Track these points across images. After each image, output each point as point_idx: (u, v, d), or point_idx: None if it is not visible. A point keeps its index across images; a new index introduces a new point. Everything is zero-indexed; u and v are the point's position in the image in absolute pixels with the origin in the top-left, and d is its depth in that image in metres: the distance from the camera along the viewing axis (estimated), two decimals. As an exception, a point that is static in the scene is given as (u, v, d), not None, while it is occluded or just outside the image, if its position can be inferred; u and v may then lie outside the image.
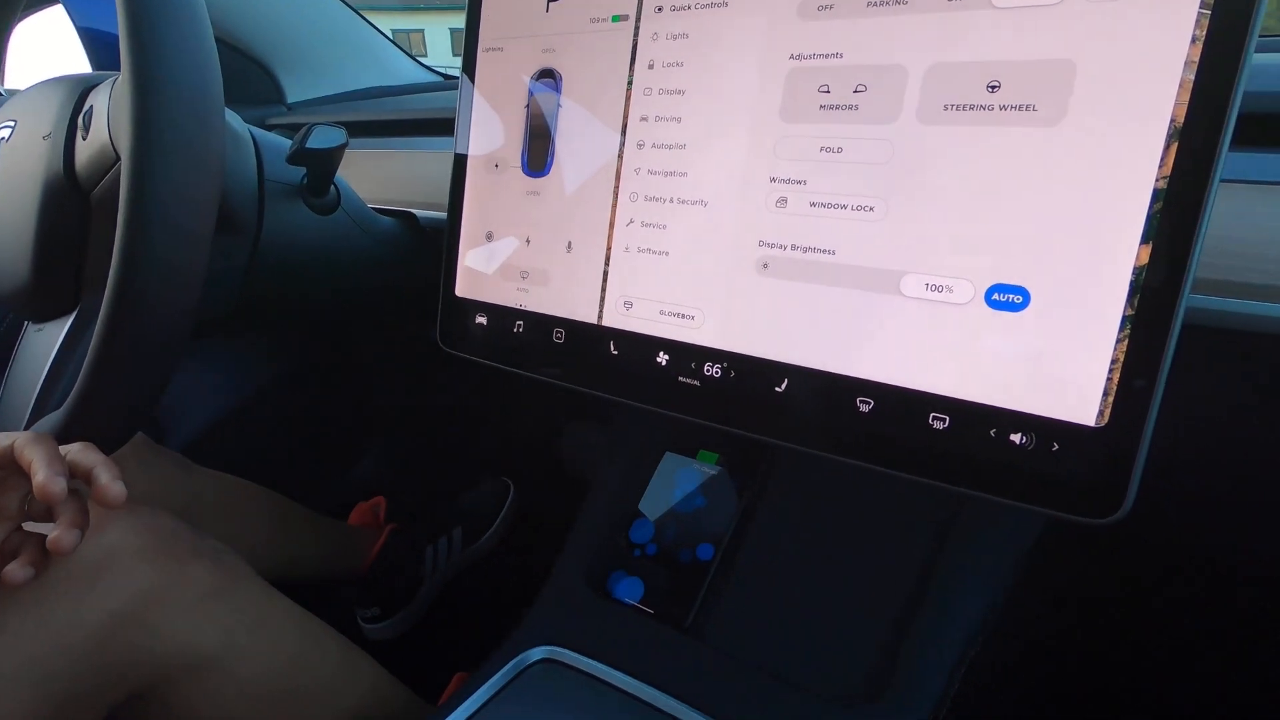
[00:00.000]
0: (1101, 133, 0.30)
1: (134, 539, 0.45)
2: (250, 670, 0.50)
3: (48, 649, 0.41)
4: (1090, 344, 0.30)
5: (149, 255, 0.38)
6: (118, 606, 0.44)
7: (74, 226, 0.47)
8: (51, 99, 0.47)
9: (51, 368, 0.48)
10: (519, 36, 0.46)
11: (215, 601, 0.48)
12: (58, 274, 0.48)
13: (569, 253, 0.45)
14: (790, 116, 0.37)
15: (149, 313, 0.39)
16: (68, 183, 0.46)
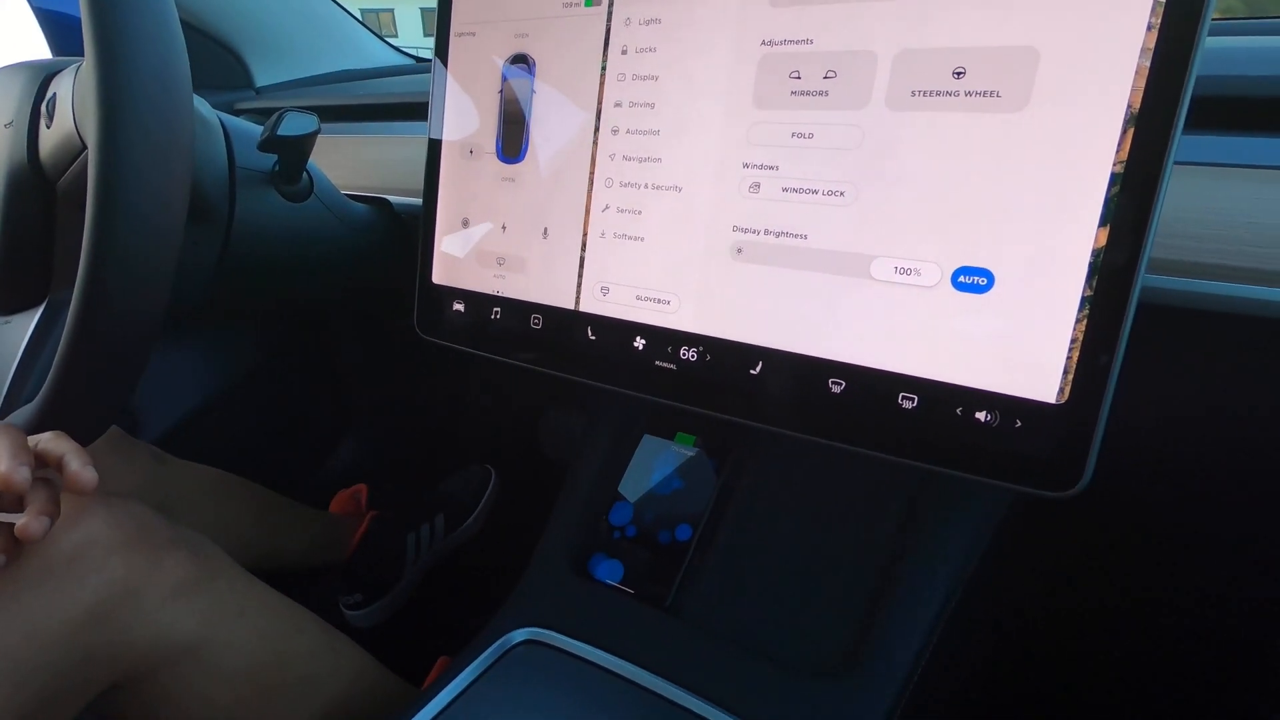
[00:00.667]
0: (1062, 119, 0.30)
1: (109, 531, 0.45)
2: (232, 660, 0.50)
3: (24, 642, 0.41)
4: (1051, 324, 0.31)
5: (119, 248, 0.38)
6: (94, 599, 0.43)
7: (40, 217, 0.46)
8: (11, 86, 0.46)
9: (22, 360, 0.47)
10: (492, 21, 0.46)
11: (193, 592, 0.48)
12: (24, 266, 0.47)
13: (545, 239, 0.46)
14: (762, 102, 0.37)
15: (120, 306, 0.39)
16: (32, 172, 0.45)
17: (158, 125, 0.38)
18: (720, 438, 0.56)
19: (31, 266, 0.47)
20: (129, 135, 0.37)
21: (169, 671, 0.47)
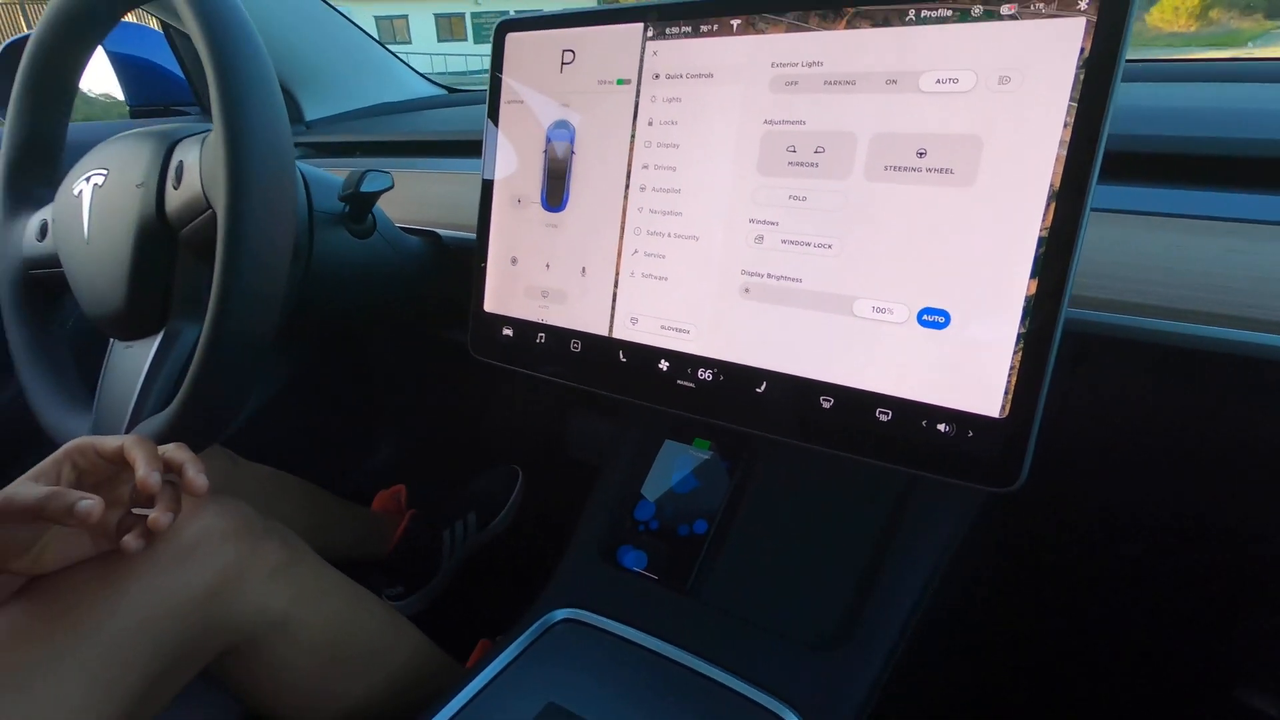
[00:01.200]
0: (1001, 193, 0.38)
1: (221, 524, 0.54)
2: (313, 633, 0.59)
3: (161, 614, 0.49)
4: (994, 354, 0.39)
5: (242, 289, 0.47)
6: (211, 580, 0.52)
7: (162, 260, 0.55)
8: (141, 151, 0.55)
9: (144, 380, 0.56)
10: (537, 92, 0.55)
11: (284, 575, 0.57)
12: (146, 301, 0.56)
13: (583, 276, 0.54)
14: (764, 170, 0.45)
15: (240, 336, 0.48)
16: (159, 224, 0.54)
17: (273, 189, 0.47)
18: (732, 444, 0.64)
19: (152, 302, 0.56)
20: (251, 202, 0.46)
21: (264, 641, 0.56)
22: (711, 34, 0.47)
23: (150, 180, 0.54)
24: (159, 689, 0.50)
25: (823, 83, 0.43)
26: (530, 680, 0.56)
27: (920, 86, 0.40)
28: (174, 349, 0.57)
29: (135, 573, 0.49)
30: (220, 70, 0.46)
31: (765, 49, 0.45)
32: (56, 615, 0.46)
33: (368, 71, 1.19)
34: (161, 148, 0.54)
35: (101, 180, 0.57)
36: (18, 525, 0.45)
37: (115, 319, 0.58)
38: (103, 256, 0.56)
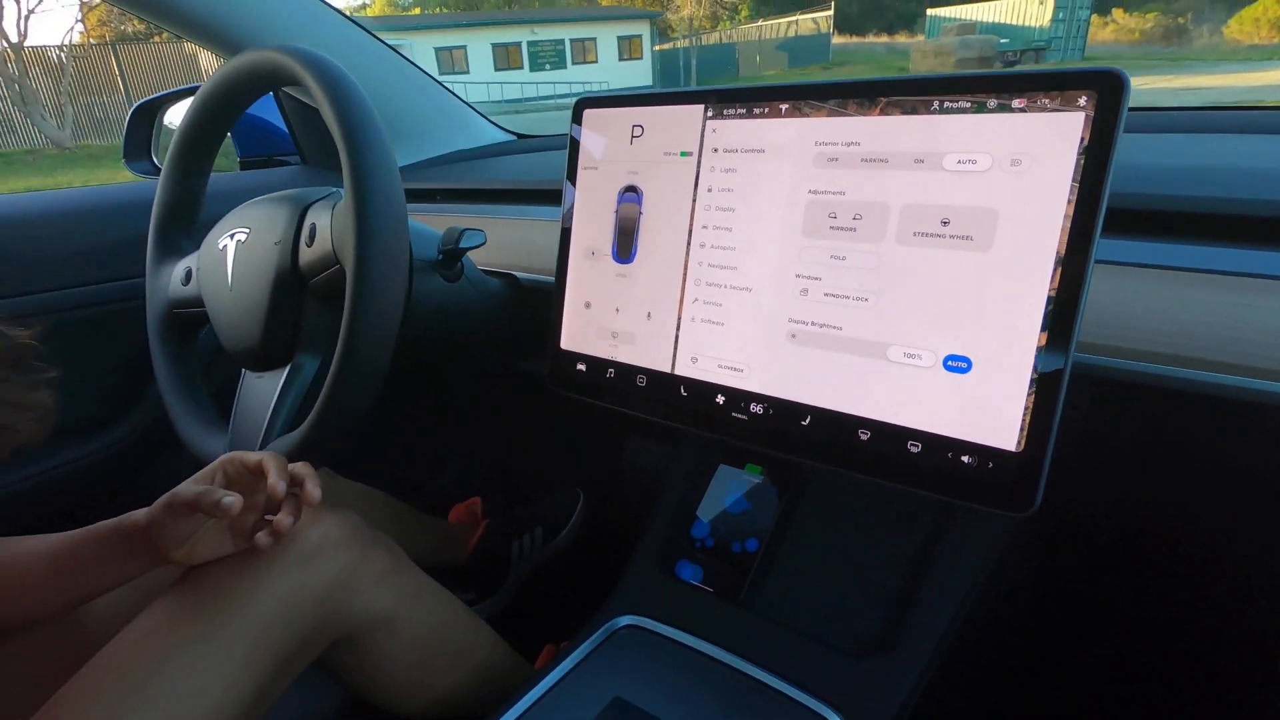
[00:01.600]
0: (1015, 258, 0.45)
1: (337, 532, 0.63)
2: (412, 630, 0.67)
3: (289, 605, 0.58)
4: (1011, 396, 0.45)
5: (366, 332, 0.56)
6: (330, 579, 0.61)
7: (292, 305, 0.65)
8: (279, 213, 0.65)
9: (274, 406, 0.66)
10: (610, 161, 0.63)
11: (389, 579, 0.66)
12: (277, 339, 0.66)
13: (649, 320, 0.62)
14: (809, 233, 0.53)
15: (362, 370, 0.57)
16: (292, 276, 0.64)
17: (393, 249, 0.56)
18: (782, 469, 0.71)
19: (282, 339, 0.66)
20: (375, 261, 0.55)
21: (370, 636, 0.65)
22: (763, 116, 0.54)
23: (286, 239, 0.64)
24: (285, 671, 0.59)
25: (860, 160, 0.50)
26: (597, 678, 0.63)
27: (944, 166, 0.47)
28: (298, 379, 0.67)
29: (272, 570, 0.58)
30: (351, 152, 0.55)
31: (810, 130, 0.52)
32: (210, 600, 0.56)
33: (446, 120, 1.30)
34: (296, 211, 0.64)
35: (244, 237, 0.67)
36: (180, 520, 0.55)
37: (250, 353, 0.68)
38: (243, 301, 0.67)
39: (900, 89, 0.48)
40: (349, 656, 0.65)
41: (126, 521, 0.59)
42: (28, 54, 12.17)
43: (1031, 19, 21.30)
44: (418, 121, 1.23)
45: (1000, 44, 20.45)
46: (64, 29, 11.11)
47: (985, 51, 19.86)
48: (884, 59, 26.98)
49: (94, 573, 0.59)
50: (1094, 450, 0.54)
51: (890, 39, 33.63)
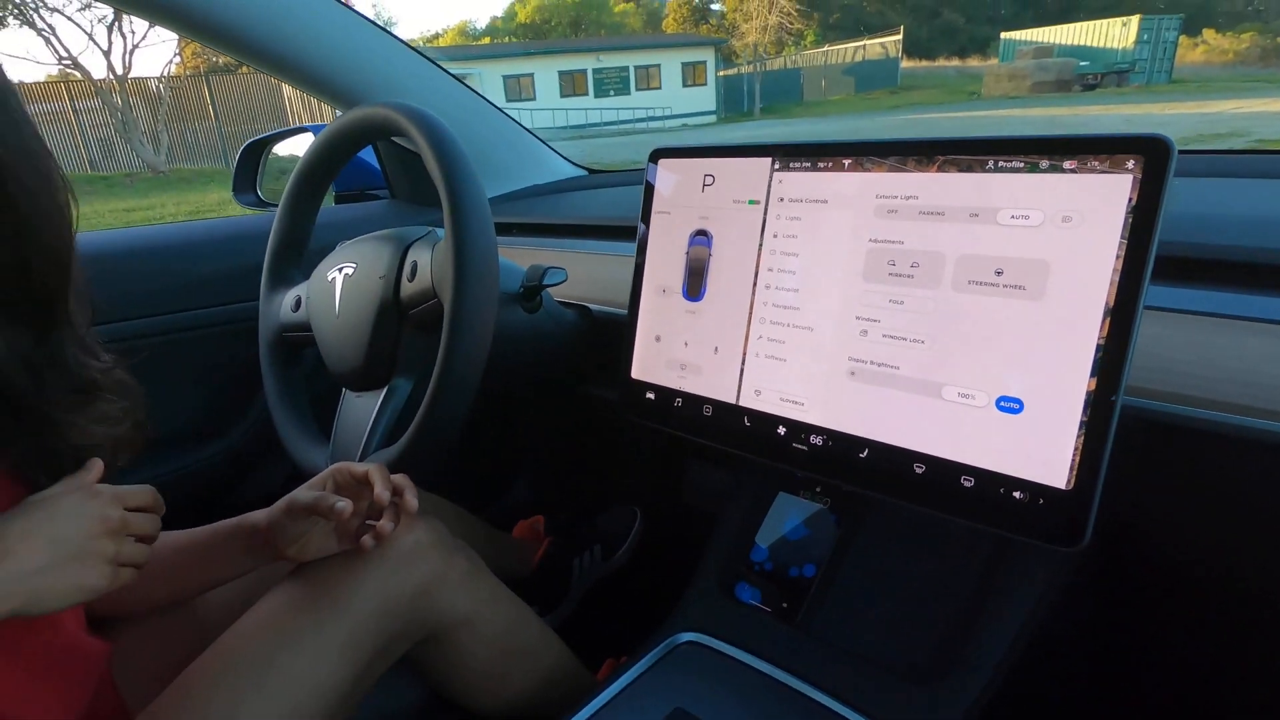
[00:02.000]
0: (1066, 307, 0.48)
1: (426, 537, 0.69)
2: (489, 631, 0.73)
3: (385, 601, 0.65)
4: (1061, 437, 0.48)
5: (460, 359, 0.62)
6: (420, 581, 0.67)
7: (392, 333, 0.72)
8: (384, 250, 0.73)
9: (373, 423, 0.73)
10: (682, 206, 0.68)
11: (470, 582, 0.72)
12: (377, 363, 0.73)
13: (716, 354, 0.66)
14: (869, 278, 0.56)
15: (456, 393, 0.63)
16: (393, 307, 0.71)
17: (485, 286, 0.62)
18: (840, 498, 0.74)
19: (381, 363, 0.74)
20: (470, 297, 0.61)
21: (452, 635, 0.71)
22: (827, 169, 0.59)
23: (390, 274, 0.71)
24: (377, 664, 0.65)
25: (918, 212, 0.54)
26: (658, 690, 0.67)
27: (998, 220, 0.50)
28: (393, 400, 0.74)
29: (370, 571, 0.65)
30: (451, 201, 0.62)
31: (871, 184, 0.56)
32: (318, 595, 0.62)
33: (523, 157, 1.38)
34: (399, 250, 0.72)
35: (351, 271, 0.75)
36: (297, 521, 0.62)
37: (352, 375, 0.75)
38: (348, 328, 0.74)
39: (956, 149, 0.52)
40: (432, 654, 0.71)
41: (246, 521, 0.66)
42: (130, 85, 13.15)
43: (1114, 41, 20.68)
44: (498, 158, 1.32)
45: (1080, 66, 19.87)
46: (163, 61, 12.19)
47: (1063, 74, 19.32)
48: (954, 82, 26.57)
49: (216, 565, 0.67)
50: (1145, 490, 0.56)
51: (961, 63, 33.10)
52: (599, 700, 0.65)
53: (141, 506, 0.56)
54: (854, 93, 26.60)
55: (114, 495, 0.54)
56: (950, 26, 42.52)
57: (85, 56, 11.54)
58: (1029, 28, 25.22)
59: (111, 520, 0.52)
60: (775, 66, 28.96)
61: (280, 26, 0.99)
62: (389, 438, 0.72)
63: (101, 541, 0.51)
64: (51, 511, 0.50)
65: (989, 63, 27.37)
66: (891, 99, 23.43)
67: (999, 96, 19.47)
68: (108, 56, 12.59)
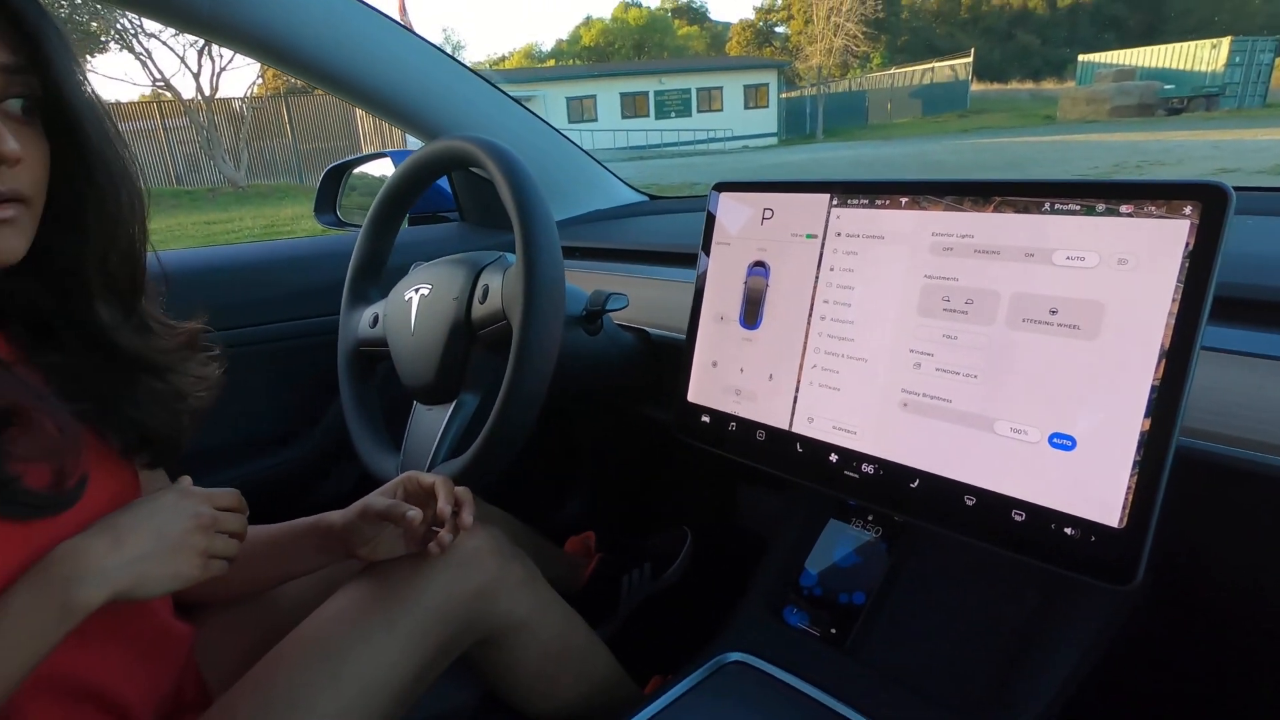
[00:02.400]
0: (1120, 348, 0.48)
1: (487, 543, 0.73)
2: (543, 637, 0.76)
3: (445, 603, 0.68)
4: (1114, 476, 0.49)
5: (527, 378, 0.66)
6: (478, 585, 0.71)
7: (462, 351, 0.77)
8: (456, 275, 0.78)
9: (441, 434, 0.77)
10: (742, 238, 0.71)
11: (526, 587, 0.75)
12: (447, 378, 0.78)
13: (770, 381, 0.68)
14: (923, 313, 0.58)
15: (520, 410, 0.67)
16: (465, 326, 0.76)
17: (553, 309, 0.66)
18: (891, 527, 0.74)
19: (451, 379, 0.78)
20: (537, 320, 0.65)
21: (507, 638, 0.74)
22: (884, 207, 0.60)
23: (463, 296, 0.76)
24: (438, 661, 0.69)
25: (973, 250, 0.55)
26: (705, 707, 0.68)
27: (1053, 261, 0.51)
28: (461, 414, 0.78)
29: (435, 572, 0.69)
30: (524, 231, 0.66)
31: (927, 222, 0.58)
32: (387, 594, 0.66)
33: (587, 182, 1.43)
34: (472, 273, 0.76)
35: (427, 292, 0.80)
36: (370, 524, 0.67)
37: (423, 389, 0.80)
38: (422, 345, 0.79)
39: (1013, 190, 0.53)
40: (488, 655, 0.75)
41: (322, 522, 0.71)
42: (216, 105, 13.96)
43: (1202, 64, 19.87)
44: (564, 184, 1.37)
45: (1164, 90, 19.12)
46: (246, 83, 13.13)
47: (1146, 98, 18.62)
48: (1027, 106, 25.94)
49: (291, 560, 0.72)
50: (1201, 529, 0.55)
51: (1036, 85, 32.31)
52: (646, 713, 0.67)
53: (229, 506, 0.62)
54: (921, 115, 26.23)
55: (206, 495, 0.60)
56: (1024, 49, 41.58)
57: (176, 78, 12.50)
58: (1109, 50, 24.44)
59: (205, 517, 0.58)
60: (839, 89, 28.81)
61: (366, 61, 1.07)
62: (456, 449, 0.77)
63: (197, 536, 0.57)
64: (155, 508, 0.56)
65: (1065, 86, 26.66)
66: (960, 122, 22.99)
67: (1075, 120, 18.90)
68: (197, 78, 13.42)
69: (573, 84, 25.07)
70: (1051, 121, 20.11)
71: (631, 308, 0.96)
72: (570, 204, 1.39)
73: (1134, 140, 12.15)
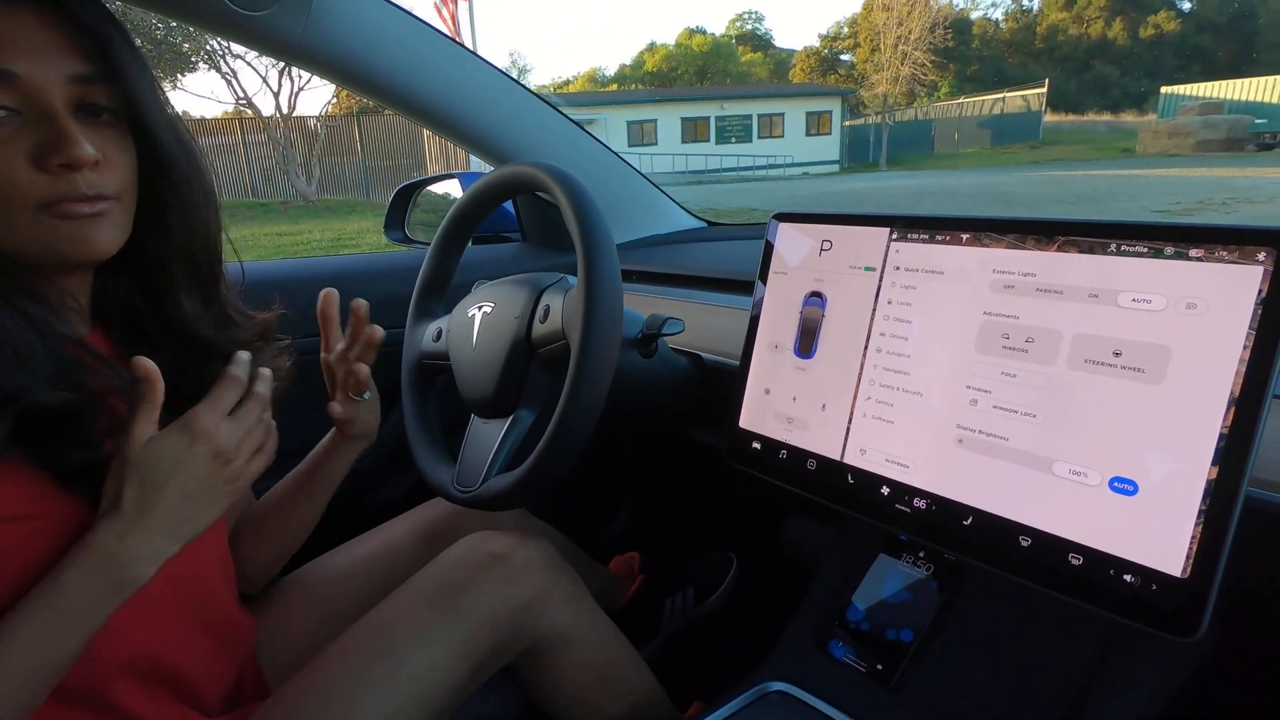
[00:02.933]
0: (1187, 394, 0.47)
1: (539, 555, 0.75)
2: (586, 652, 0.77)
3: (495, 611, 0.70)
4: (1178, 524, 0.47)
5: (581, 400, 0.68)
6: (528, 596, 0.72)
7: (521, 368, 0.79)
8: (519, 294, 0.80)
9: (496, 447, 0.80)
10: (800, 268, 0.72)
11: (572, 602, 0.76)
12: (505, 393, 0.80)
13: (823, 411, 0.69)
14: (982, 350, 0.58)
15: (576, 427, 0.69)
16: (525, 344, 0.78)
17: (610, 331, 0.68)
18: (942, 564, 0.73)
19: (509, 394, 0.81)
20: (595, 342, 0.67)
21: (551, 651, 0.75)
22: (945, 242, 0.61)
23: (524, 315, 0.78)
24: (484, 668, 0.71)
25: (1035, 289, 0.55)
26: (744, 737, 0.68)
27: (1118, 302, 0.51)
28: (516, 429, 0.81)
29: (488, 580, 0.71)
30: (586, 256, 0.69)
31: (989, 259, 0.58)
32: (442, 596, 0.69)
33: (647, 207, 1.46)
34: (534, 293, 0.79)
35: (490, 310, 0.83)
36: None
37: (482, 403, 0.83)
38: (483, 360, 0.82)
39: (1078, 230, 0.53)
40: (532, 667, 0.76)
41: None
42: (292, 122, 14.66)
43: (1297, 97, 18.99)
44: (624, 209, 1.40)
45: (1255, 124, 18.26)
46: (322, 102, 13.87)
47: (1235, 132, 17.82)
48: (1105, 138, 25.16)
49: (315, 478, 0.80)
50: (1270, 581, 0.53)
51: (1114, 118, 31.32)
52: None
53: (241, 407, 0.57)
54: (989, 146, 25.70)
55: (213, 426, 0.54)
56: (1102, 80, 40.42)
57: (258, 97, 13.30)
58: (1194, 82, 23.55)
59: (224, 452, 0.54)
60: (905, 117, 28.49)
61: (440, 87, 1.12)
62: (511, 463, 0.79)
63: (219, 474, 0.54)
64: (172, 464, 0.52)
65: (1146, 119, 25.77)
66: (1031, 153, 22.43)
67: (1156, 154, 18.22)
68: (276, 97, 14.15)
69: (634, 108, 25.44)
70: (1130, 155, 19.44)
71: (687, 332, 0.97)
72: (629, 228, 1.42)
73: (1220, 175, 11.63)
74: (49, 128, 0.50)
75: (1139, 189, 10.55)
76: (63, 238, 0.52)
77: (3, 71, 0.48)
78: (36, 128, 0.50)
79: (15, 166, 0.49)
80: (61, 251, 0.53)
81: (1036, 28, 45.74)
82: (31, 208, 0.50)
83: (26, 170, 0.50)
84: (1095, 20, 43.11)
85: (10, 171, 0.49)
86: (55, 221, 0.51)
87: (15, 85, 0.49)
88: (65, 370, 0.51)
